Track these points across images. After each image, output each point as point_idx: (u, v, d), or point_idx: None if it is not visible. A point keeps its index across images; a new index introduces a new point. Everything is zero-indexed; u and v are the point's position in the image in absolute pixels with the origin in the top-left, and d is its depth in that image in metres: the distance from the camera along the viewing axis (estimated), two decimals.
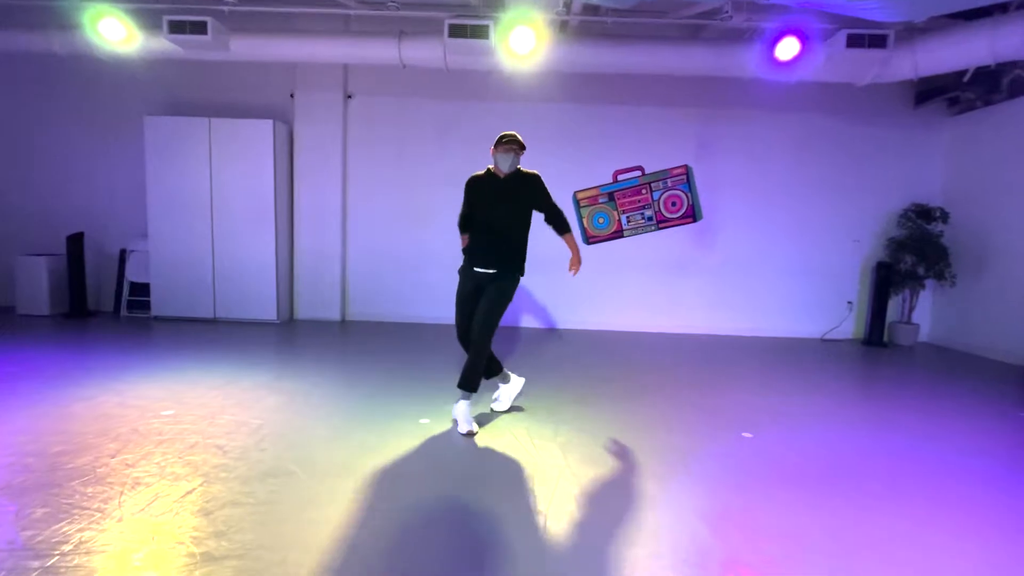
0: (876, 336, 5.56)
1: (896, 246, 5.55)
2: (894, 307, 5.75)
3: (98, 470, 2.16)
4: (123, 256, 5.91)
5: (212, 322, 5.57)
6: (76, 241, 5.63)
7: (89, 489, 2.00)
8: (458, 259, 2.98)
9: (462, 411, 2.77)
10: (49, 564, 1.57)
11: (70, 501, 1.92)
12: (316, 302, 5.92)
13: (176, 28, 4.51)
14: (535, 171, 2.91)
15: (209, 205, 5.53)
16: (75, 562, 1.58)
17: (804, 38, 4.41)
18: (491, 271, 2.82)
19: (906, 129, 5.62)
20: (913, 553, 1.81)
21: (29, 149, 5.87)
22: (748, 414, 3.19)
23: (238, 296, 5.64)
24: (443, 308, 5.81)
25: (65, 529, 1.75)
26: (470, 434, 2.70)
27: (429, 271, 5.84)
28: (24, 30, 4.85)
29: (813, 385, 3.97)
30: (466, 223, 2.94)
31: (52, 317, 5.59)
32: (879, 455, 2.66)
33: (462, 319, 2.86)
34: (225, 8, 4.53)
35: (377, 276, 5.93)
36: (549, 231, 3.13)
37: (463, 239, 2.97)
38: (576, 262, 3.05)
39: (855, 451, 2.71)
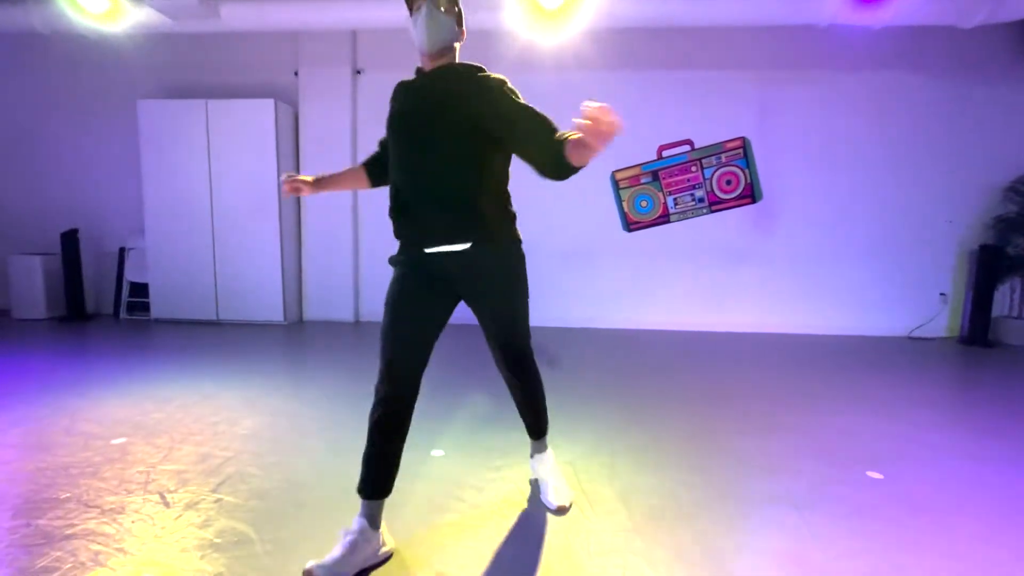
0: (978, 333, 4.65)
1: (1004, 225, 4.63)
2: (1000, 299, 4.82)
3: None
4: (122, 254, 5.48)
5: (214, 324, 5.07)
6: (71, 238, 5.22)
7: None
8: None
9: (553, 470, 1.85)
10: None
11: None
12: (326, 301, 5.36)
13: None
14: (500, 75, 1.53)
15: (208, 196, 5.02)
16: None
17: None
18: (459, 245, 1.51)
19: (1016, 84, 4.66)
20: None
21: (14, 138, 5.47)
22: (864, 442, 2.43)
23: (242, 296, 5.13)
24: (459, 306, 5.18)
25: None
26: (561, 510, 1.77)
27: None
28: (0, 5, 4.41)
29: (932, 399, 3.15)
30: (378, 163, 1.76)
31: (47, 321, 5.19)
32: None
33: (401, 345, 1.48)
34: None
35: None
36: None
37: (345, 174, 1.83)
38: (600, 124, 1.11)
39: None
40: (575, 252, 5.12)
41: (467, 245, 1.51)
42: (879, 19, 3.91)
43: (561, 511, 1.77)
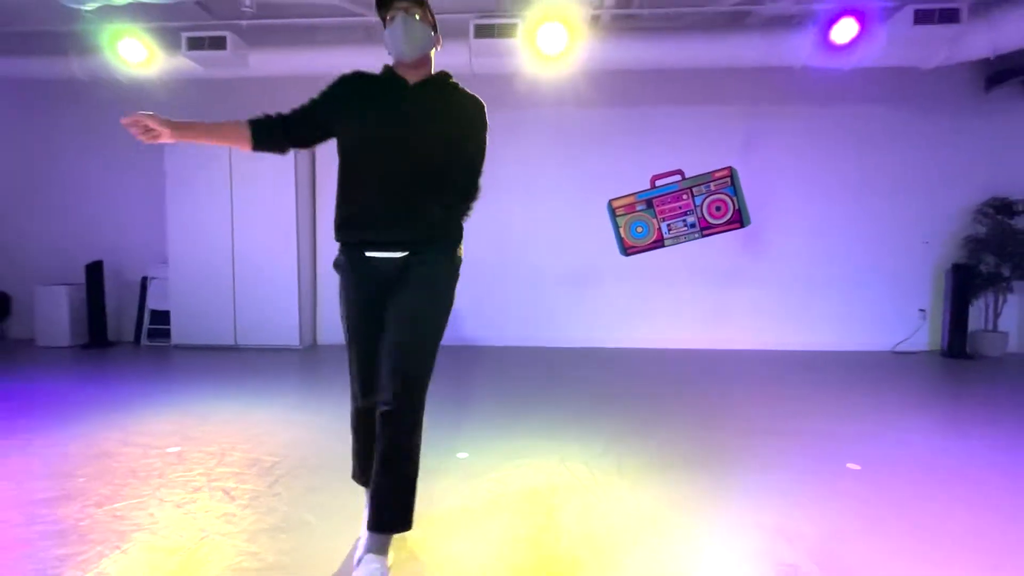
0: (957, 347, 4.94)
1: (975, 245, 4.98)
2: (976, 314, 5.13)
3: (81, 524, 1.81)
4: (144, 283, 5.74)
5: (233, 349, 5.30)
6: (95, 270, 5.48)
7: (62, 550, 1.65)
8: (493, 277, 1.78)
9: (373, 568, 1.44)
10: None
11: (38, 566, 1.56)
12: (340, 326, 5.60)
13: (195, 44, 4.37)
14: (479, 98, 1.64)
15: (230, 229, 5.32)
16: None
17: (863, 18, 4.00)
18: (399, 253, 1.53)
19: (978, 116, 5.09)
20: None
21: (48, 176, 5.79)
22: (845, 442, 2.69)
23: (260, 322, 5.37)
24: (472, 328, 5.44)
25: None
26: None
27: (460, 288, 5.48)
28: (44, 56, 4.78)
29: (912, 405, 3.42)
30: (270, 128, 1.63)
31: (71, 348, 5.41)
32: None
33: (365, 358, 1.58)
34: (244, 23, 4.37)
35: None
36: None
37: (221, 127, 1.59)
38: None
39: (1000, 484, 2.19)
40: (577, 276, 5.42)
41: (410, 251, 1.54)
42: (847, 62, 4.32)
43: None
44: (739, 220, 3.46)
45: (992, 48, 4.08)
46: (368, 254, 1.54)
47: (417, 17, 1.54)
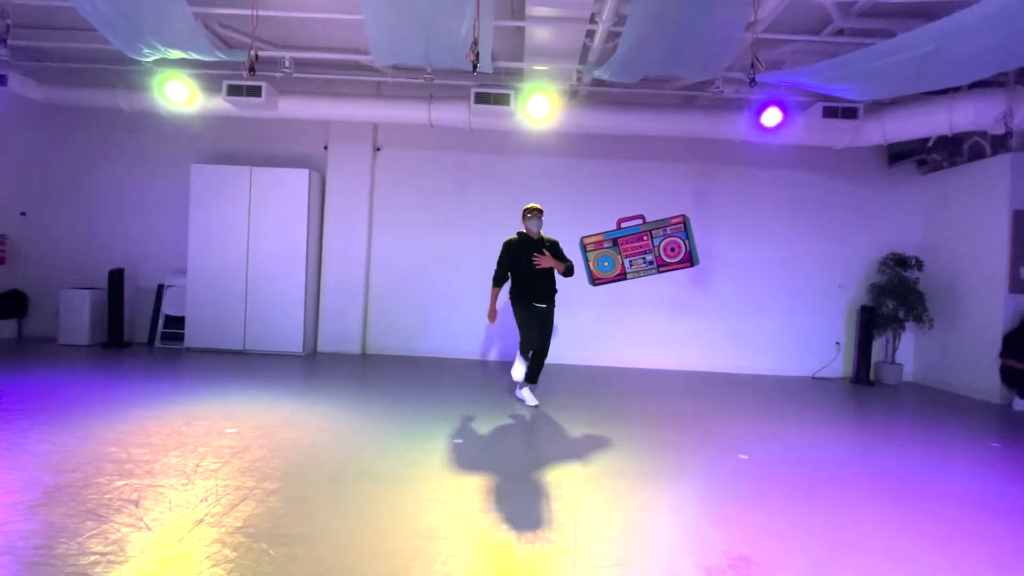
0: (863, 375, 5.96)
1: (878, 291, 6.04)
2: (879, 348, 6.17)
3: (191, 475, 2.52)
4: (160, 290, 6.33)
5: (241, 354, 5.92)
6: (117, 276, 6.06)
7: (190, 486, 2.36)
8: (475, 300, 3.37)
9: (528, 393, 4.15)
10: (186, 538, 1.92)
11: (181, 495, 2.27)
12: (338, 336, 6.31)
13: (234, 91, 5.10)
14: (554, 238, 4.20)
15: (246, 246, 5.99)
16: (206, 537, 1.94)
17: (785, 108, 5.02)
18: (544, 305, 4.04)
19: (882, 186, 6.22)
20: (886, 545, 2.18)
21: (84, 192, 6.40)
22: (745, 440, 3.56)
23: (267, 329, 6.02)
24: (456, 343, 6.22)
25: (185, 514, 2.10)
26: (536, 407, 4.04)
27: (445, 309, 6.27)
28: (95, 88, 5.45)
29: (805, 418, 4.34)
30: (500, 279, 4.06)
31: (91, 347, 5.95)
32: (863, 473, 3.03)
33: (528, 334, 4.07)
34: (278, 75, 5.13)
35: (397, 312, 6.35)
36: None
37: (493, 292, 4.06)
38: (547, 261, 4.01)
39: (841, 469, 3.08)
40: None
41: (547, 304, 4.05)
42: (776, 140, 5.35)
43: (536, 407, 3.91)
44: (690, 260, 4.37)
45: (883, 137, 5.16)
46: (534, 304, 4.05)
47: (539, 217, 4.05)
